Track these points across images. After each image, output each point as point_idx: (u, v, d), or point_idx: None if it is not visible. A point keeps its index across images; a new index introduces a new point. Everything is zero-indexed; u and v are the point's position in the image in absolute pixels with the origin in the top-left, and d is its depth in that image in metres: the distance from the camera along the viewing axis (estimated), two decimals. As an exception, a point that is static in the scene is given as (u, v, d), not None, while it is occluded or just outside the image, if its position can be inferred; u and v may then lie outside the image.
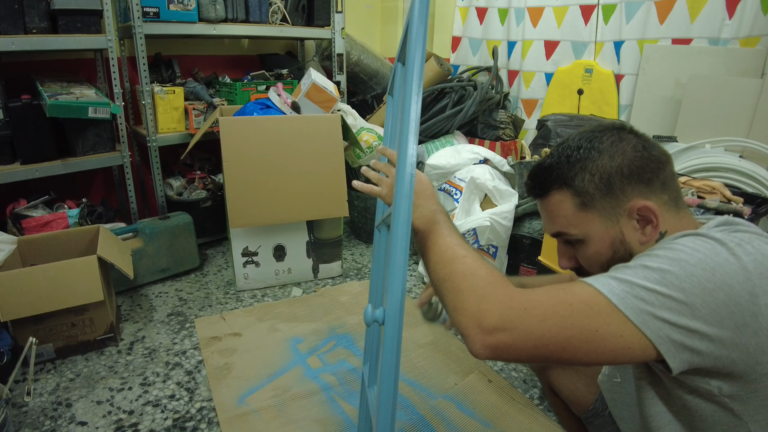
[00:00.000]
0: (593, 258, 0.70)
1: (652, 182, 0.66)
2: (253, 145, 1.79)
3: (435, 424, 1.26)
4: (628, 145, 0.67)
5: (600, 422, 0.95)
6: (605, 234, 0.68)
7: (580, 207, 0.68)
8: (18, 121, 1.72)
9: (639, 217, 0.66)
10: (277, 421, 1.27)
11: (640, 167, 0.66)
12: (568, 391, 1.00)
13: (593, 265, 0.70)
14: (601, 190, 0.66)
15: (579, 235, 0.69)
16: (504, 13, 2.70)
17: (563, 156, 0.70)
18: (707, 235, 0.57)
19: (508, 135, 2.59)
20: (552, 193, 0.71)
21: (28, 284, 1.38)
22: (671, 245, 0.58)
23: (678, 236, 0.60)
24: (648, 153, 0.66)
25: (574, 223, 0.69)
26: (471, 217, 1.82)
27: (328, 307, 1.85)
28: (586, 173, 0.67)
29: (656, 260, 0.56)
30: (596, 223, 0.68)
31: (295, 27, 2.38)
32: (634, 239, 0.67)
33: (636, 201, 0.65)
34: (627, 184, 0.66)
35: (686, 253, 0.55)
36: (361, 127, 2.19)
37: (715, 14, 2.00)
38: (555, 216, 0.71)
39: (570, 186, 0.68)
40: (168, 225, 1.98)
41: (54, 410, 1.29)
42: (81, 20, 1.77)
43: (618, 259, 0.67)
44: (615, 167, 0.66)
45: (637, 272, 0.56)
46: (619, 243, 0.67)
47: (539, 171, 0.73)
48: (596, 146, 0.68)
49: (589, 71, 2.39)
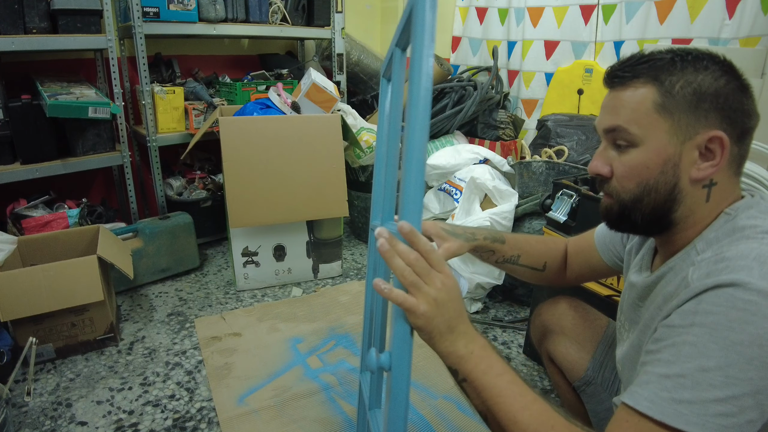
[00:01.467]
0: (636, 170, 0.63)
1: (735, 125, 0.61)
2: (253, 145, 1.79)
3: (435, 425, 1.26)
4: (734, 81, 0.61)
5: (592, 390, 0.98)
6: (664, 148, 0.62)
7: (657, 107, 0.61)
8: (18, 121, 1.72)
9: (706, 149, 0.61)
10: (277, 421, 1.27)
11: (735, 106, 0.60)
12: (561, 357, 1.03)
13: (630, 179, 0.64)
14: (688, 102, 0.60)
15: (637, 137, 0.63)
16: (504, 13, 2.69)
17: (667, 54, 0.63)
18: (749, 288, 0.51)
19: (508, 135, 2.58)
20: (634, 82, 0.63)
21: (28, 284, 1.38)
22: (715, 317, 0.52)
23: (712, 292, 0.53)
24: (747, 99, 0.62)
25: (640, 122, 0.62)
26: (471, 217, 1.82)
27: (328, 307, 1.85)
28: (682, 79, 0.61)
29: (710, 353, 0.50)
30: (663, 133, 0.61)
31: (295, 27, 2.38)
32: (686, 171, 0.62)
33: (714, 131, 0.60)
34: (715, 110, 0.60)
35: (735, 331, 0.50)
36: (361, 127, 2.19)
37: (715, 14, 2.00)
38: (622, 108, 0.64)
39: (659, 82, 0.62)
40: (168, 225, 1.98)
41: (54, 410, 1.29)
42: (81, 20, 1.77)
43: (660, 184, 0.62)
44: (713, 89, 0.60)
45: (697, 380, 0.50)
46: (671, 165, 0.62)
47: (632, 57, 0.66)
48: (704, 63, 0.61)
49: (589, 71, 2.39)
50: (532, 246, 0.97)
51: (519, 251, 0.96)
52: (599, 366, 0.98)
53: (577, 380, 1.00)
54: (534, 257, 0.97)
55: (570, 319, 1.04)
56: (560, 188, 1.35)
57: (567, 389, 1.06)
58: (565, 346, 1.03)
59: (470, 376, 0.59)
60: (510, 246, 0.94)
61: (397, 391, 0.49)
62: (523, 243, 0.97)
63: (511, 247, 0.94)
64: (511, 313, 1.82)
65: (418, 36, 0.50)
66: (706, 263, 0.57)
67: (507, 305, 1.87)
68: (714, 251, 0.59)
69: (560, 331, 1.05)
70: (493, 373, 0.59)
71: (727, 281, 0.52)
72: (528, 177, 1.86)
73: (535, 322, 1.12)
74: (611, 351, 0.98)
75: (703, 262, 0.58)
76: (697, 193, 0.63)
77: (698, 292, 0.54)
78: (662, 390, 0.52)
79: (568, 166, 1.79)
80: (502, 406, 0.58)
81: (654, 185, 0.63)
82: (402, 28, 0.65)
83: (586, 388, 0.99)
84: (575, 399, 1.04)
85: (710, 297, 0.53)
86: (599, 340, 1.00)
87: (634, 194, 0.65)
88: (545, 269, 0.98)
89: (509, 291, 1.85)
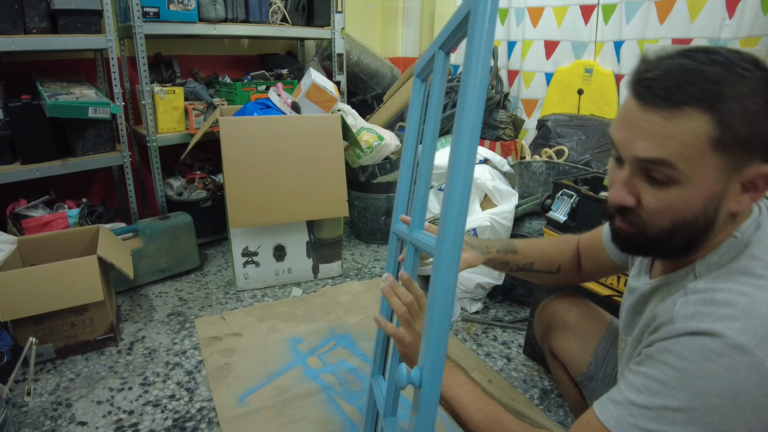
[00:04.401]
0: (674, 208, 0.56)
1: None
2: (253, 145, 1.79)
3: (435, 424, 1.26)
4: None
5: (594, 385, 0.99)
6: (711, 185, 0.54)
7: (712, 143, 0.51)
8: (18, 121, 1.72)
9: (750, 183, 0.54)
10: (277, 421, 1.27)
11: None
12: (564, 352, 1.04)
13: (663, 217, 0.57)
14: (745, 136, 0.51)
15: (683, 175, 0.53)
16: (504, 13, 2.69)
17: (715, 67, 0.51)
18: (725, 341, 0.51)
19: (508, 135, 2.58)
20: (684, 109, 0.51)
21: (28, 284, 1.38)
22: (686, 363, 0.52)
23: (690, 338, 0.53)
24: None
25: (691, 159, 0.52)
26: (471, 217, 1.82)
27: (328, 307, 1.85)
28: (738, 103, 0.50)
29: (676, 396, 0.52)
30: (714, 170, 0.53)
31: (295, 27, 2.38)
32: (726, 204, 0.55)
33: (765, 166, 0.53)
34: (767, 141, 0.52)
35: (703, 380, 0.51)
36: (361, 127, 2.19)
37: (715, 14, 2.00)
38: (670, 139, 0.52)
39: (714, 110, 0.51)
40: (168, 225, 1.98)
41: (54, 410, 1.29)
42: (81, 20, 1.77)
43: (699, 221, 0.56)
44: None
45: (661, 414, 0.53)
46: (715, 201, 0.55)
47: (676, 72, 0.53)
48: (757, 72, 0.51)
49: (589, 71, 2.39)
50: (544, 251, 0.98)
51: (532, 258, 0.96)
52: (601, 361, 0.98)
53: (580, 375, 1.01)
54: (547, 262, 0.98)
55: (573, 314, 1.05)
56: (560, 188, 1.35)
57: (569, 384, 1.07)
58: (567, 342, 1.04)
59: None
60: (522, 255, 0.95)
61: (426, 408, 0.49)
62: (536, 249, 0.97)
63: (524, 255, 0.96)
64: (511, 313, 1.82)
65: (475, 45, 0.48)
66: (694, 301, 0.56)
67: (507, 305, 1.87)
68: (708, 281, 0.58)
69: (563, 327, 1.05)
70: (455, 384, 0.70)
71: (706, 330, 0.52)
72: (528, 177, 1.86)
73: (538, 318, 1.13)
74: (613, 347, 0.98)
75: (693, 296, 0.57)
76: (726, 222, 0.58)
77: (679, 333, 0.55)
78: (629, 415, 0.55)
79: (568, 166, 1.79)
80: (460, 410, 0.69)
81: (692, 221, 0.56)
82: (451, 32, 0.63)
83: (588, 383, 1.00)
84: (577, 394, 1.04)
85: (687, 342, 0.53)
86: (602, 335, 1.01)
87: (665, 230, 0.58)
88: (559, 271, 0.98)
89: (509, 291, 1.85)
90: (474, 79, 0.49)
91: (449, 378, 0.71)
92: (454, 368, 0.73)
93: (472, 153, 0.50)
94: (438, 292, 0.50)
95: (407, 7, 3.13)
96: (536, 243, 0.99)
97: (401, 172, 0.88)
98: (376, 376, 0.93)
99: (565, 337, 1.05)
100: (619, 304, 1.17)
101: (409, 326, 0.73)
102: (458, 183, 0.51)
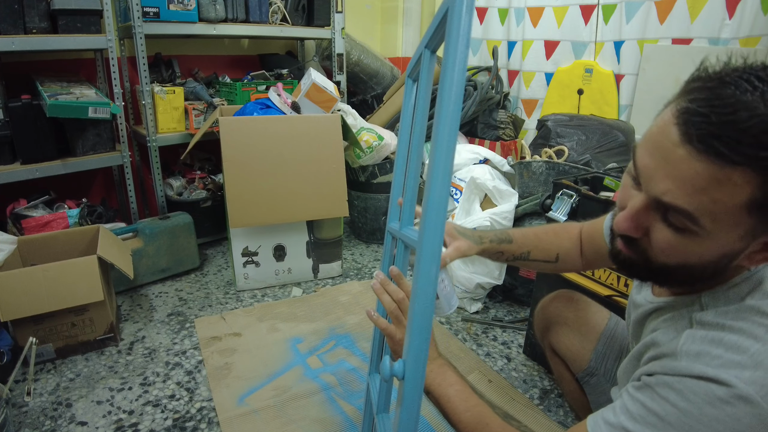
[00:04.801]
0: (683, 255, 0.53)
1: None
2: (253, 145, 1.79)
3: (435, 425, 1.26)
4: None
5: (595, 381, 0.99)
6: (733, 243, 0.50)
7: (750, 206, 0.47)
8: (18, 121, 1.72)
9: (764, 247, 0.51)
10: (277, 421, 1.27)
11: None
12: (565, 348, 1.04)
13: (670, 258, 0.54)
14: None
15: (705, 231, 0.49)
16: (504, 13, 2.70)
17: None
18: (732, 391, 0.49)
19: (508, 135, 2.58)
20: (737, 169, 0.45)
21: (28, 284, 1.38)
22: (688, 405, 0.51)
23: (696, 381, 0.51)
24: None
25: (720, 218, 0.48)
26: (471, 217, 1.82)
27: (328, 307, 1.85)
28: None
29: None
30: (740, 230, 0.49)
31: (295, 27, 2.38)
32: (740, 260, 0.53)
33: None
34: None
35: (704, 425, 0.50)
36: (361, 127, 2.19)
37: (715, 14, 2.00)
38: (704, 192, 0.47)
39: (764, 171, 0.45)
40: (168, 225, 1.98)
41: (54, 410, 1.29)
42: (81, 20, 1.77)
43: (708, 270, 0.54)
44: None
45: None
46: (729, 258, 0.52)
47: (754, 129, 0.44)
48: None
49: (589, 71, 2.39)
50: (541, 240, 0.95)
51: (528, 247, 0.94)
52: (602, 357, 0.99)
53: (580, 371, 1.01)
54: (544, 250, 0.95)
55: (573, 311, 1.05)
56: (560, 188, 1.35)
57: (570, 381, 1.07)
58: (568, 338, 1.04)
59: (429, 388, 0.71)
60: (518, 244, 0.93)
61: (410, 400, 0.49)
62: (532, 238, 0.95)
63: (520, 245, 0.93)
64: (511, 313, 1.82)
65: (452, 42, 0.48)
66: (701, 339, 0.54)
67: (507, 305, 1.87)
68: (717, 314, 0.55)
69: (563, 323, 1.05)
70: (445, 384, 0.71)
71: (713, 377, 0.50)
72: (528, 177, 1.86)
73: (538, 315, 1.13)
74: (613, 343, 0.99)
75: (700, 331, 0.55)
76: (735, 269, 0.55)
77: (683, 374, 0.52)
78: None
79: (568, 166, 1.78)
80: (449, 410, 0.69)
81: (699, 269, 0.54)
82: (434, 30, 0.64)
83: (589, 379, 1.00)
84: (578, 390, 1.04)
85: (692, 384, 0.51)
86: (601, 331, 1.01)
87: (668, 268, 0.55)
88: (558, 260, 0.95)
89: (509, 291, 1.85)
90: (451, 74, 0.49)
91: (439, 377, 0.71)
92: (445, 367, 0.73)
93: (451, 148, 0.50)
94: (420, 284, 0.50)
95: (407, 7, 3.13)
96: (533, 232, 0.96)
97: (395, 171, 0.88)
98: (373, 374, 0.93)
99: (565, 333, 1.05)
100: (619, 304, 1.17)
101: (399, 323, 0.73)
102: (438, 178, 0.50)
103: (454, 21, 0.49)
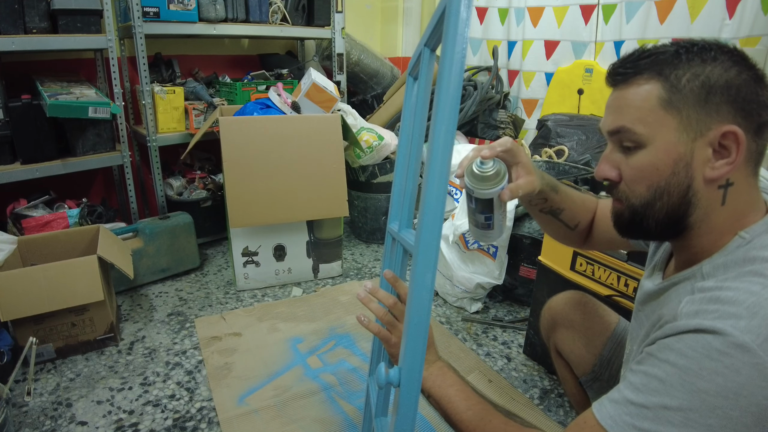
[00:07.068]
0: (645, 171, 0.60)
1: (751, 119, 0.56)
2: (253, 145, 1.79)
3: (435, 425, 1.26)
4: (747, 71, 0.57)
5: (598, 386, 0.98)
6: (674, 146, 0.58)
7: (663, 104, 0.58)
8: (18, 121, 1.72)
9: (720, 146, 0.57)
10: (277, 421, 1.27)
11: (749, 98, 0.56)
12: (569, 351, 1.04)
13: (639, 182, 0.61)
14: (696, 96, 0.56)
15: (643, 137, 0.59)
16: (504, 13, 2.69)
17: (671, 47, 0.59)
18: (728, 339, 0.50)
19: (509, 135, 2.59)
20: (637, 79, 0.60)
21: (28, 284, 1.38)
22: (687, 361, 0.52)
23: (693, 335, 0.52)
24: (763, 90, 0.57)
25: (646, 121, 0.59)
26: (471, 217, 1.82)
27: (328, 307, 1.85)
28: (689, 72, 0.57)
29: (675, 394, 0.51)
30: (671, 130, 0.58)
31: (295, 27, 2.38)
32: (699, 170, 0.58)
33: (727, 125, 0.56)
34: (727, 103, 0.56)
35: (704, 379, 0.50)
36: (361, 127, 2.19)
37: (715, 14, 2.00)
38: (627, 107, 0.61)
39: (664, 77, 0.58)
40: (168, 225, 1.98)
41: (54, 410, 1.30)
42: (81, 20, 1.77)
43: (672, 186, 0.59)
44: (724, 81, 0.56)
45: (657, 414, 0.52)
46: (683, 165, 0.58)
47: (633, 53, 0.62)
48: (713, 54, 0.57)
49: (590, 71, 2.39)
50: (574, 202, 0.93)
51: (565, 206, 0.91)
52: (607, 363, 0.98)
53: (584, 375, 1.01)
54: (572, 215, 0.92)
55: (580, 314, 1.04)
56: (560, 188, 1.35)
57: (573, 383, 1.06)
58: (573, 341, 1.03)
59: (429, 391, 0.71)
60: (561, 198, 0.90)
61: (405, 408, 0.49)
62: (568, 199, 0.92)
63: (562, 199, 0.90)
64: (511, 313, 1.82)
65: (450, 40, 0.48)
66: (700, 299, 0.56)
67: (507, 305, 1.87)
68: (717, 281, 0.57)
69: (569, 325, 1.05)
70: (445, 385, 0.71)
71: (709, 327, 0.51)
72: (528, 177, 1.86)
73: (545, 314, 1.12)
74: (620, 348, 0.97)
75: (699, 294, 0.57)
76: (712, 195, 0.59)
77: (681, 330, 0.54)
78: (625, 414, 0.54)
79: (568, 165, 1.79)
80: (450, 410, 0.69)
81: (666, 188, 0.60)
82: (433, 28, 0.63)
83: (592, 383, 1.00)
84: (580, 392, 1.04)
85: (690, 339, 0.52)
86: (608, 336, 1.00)
87: (645, 198, 0.62)
88: (575, 229, 0.94)
89: (509, 291, 1.85)
90: (449, 73, 0.49)
91: (439, 379, 0.72)
92: (445, 368, 0.73)
93: (448, 148, 0.49)
94: (416, 290, 0.50)
95: (407, 7, 3.13)
96: (571, 192, 0.93)
97: (396, 171, 0.88)
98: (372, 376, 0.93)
99: (570, 336, 1.04)
100: (619, 304, 1.17)
101: (393, 327, 0.73)
102: (434, 181, 0.50)
103: (451, 18, 0.49)
